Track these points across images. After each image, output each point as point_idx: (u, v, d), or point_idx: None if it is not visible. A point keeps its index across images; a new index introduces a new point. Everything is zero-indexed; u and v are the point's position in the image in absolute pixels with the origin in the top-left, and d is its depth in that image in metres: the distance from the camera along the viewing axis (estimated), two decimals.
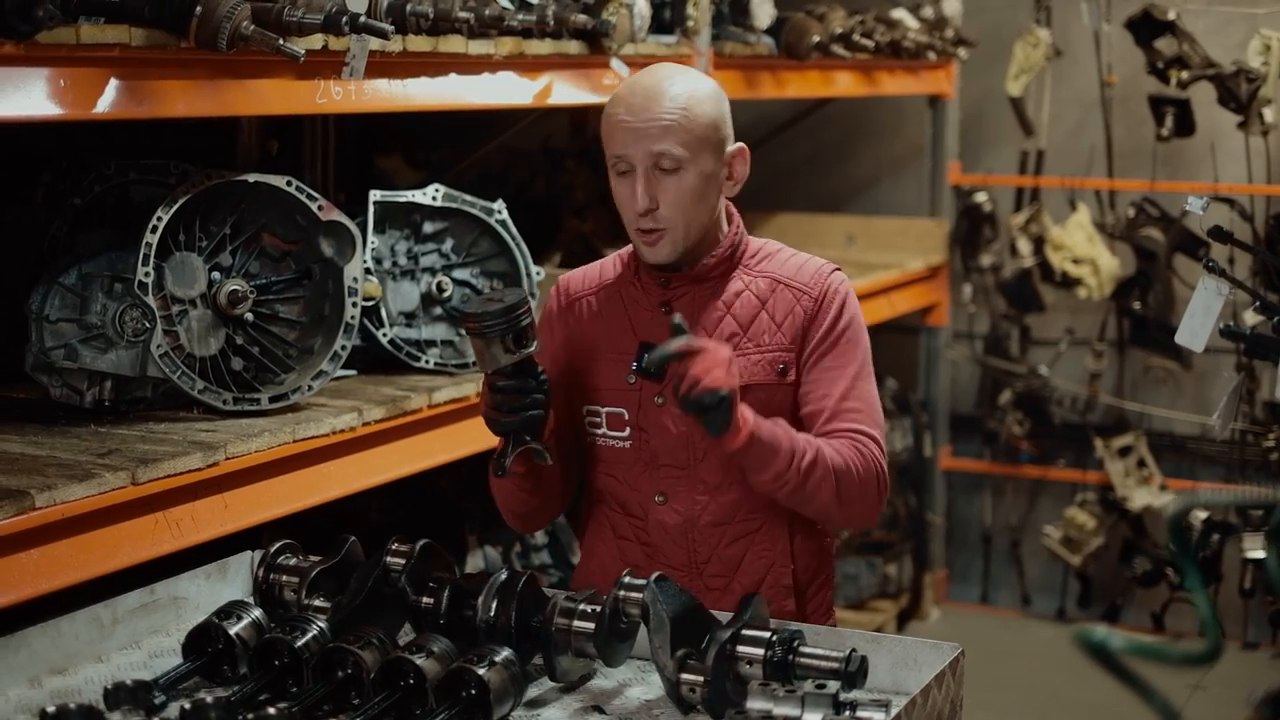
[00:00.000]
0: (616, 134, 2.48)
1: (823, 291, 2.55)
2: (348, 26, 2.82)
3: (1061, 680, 5.22)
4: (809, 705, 2.03)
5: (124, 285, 3.03)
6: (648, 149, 2.45)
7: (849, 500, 2.46)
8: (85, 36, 2.55)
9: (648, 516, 2.58)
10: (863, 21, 5.05)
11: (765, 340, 2.52)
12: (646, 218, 2.47)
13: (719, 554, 2.56)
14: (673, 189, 2.46)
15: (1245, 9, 5.57)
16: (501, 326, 2.34)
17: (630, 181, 2.47)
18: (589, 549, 2.69)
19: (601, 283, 2.64)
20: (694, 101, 2.47)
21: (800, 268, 2.58)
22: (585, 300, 2.64)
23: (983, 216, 5.99)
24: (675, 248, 2.50)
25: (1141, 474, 5.72)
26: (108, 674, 2.31)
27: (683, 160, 2.45)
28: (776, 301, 2.54)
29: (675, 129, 2.45)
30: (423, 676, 2.10)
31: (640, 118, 2.45)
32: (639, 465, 2.56)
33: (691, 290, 2.55)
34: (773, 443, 2.38)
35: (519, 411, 2.40)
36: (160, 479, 2.74)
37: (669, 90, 2.47)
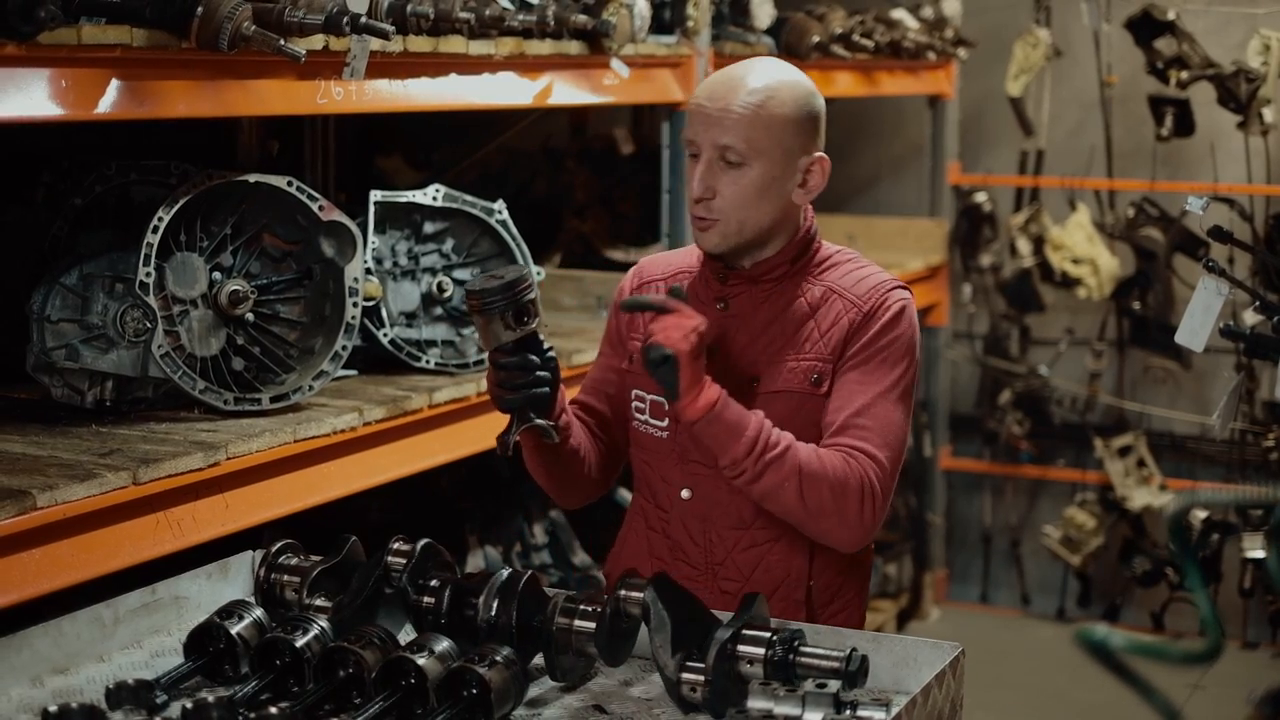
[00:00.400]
0: (692, 118, 2.48)
1: (874, 306, 2.49)
2: (348, 27, 2.82)
3: (1062, 680, 5.23)
4: (810, 704, 2.03)
5: (125, 285, 3.03)
6: (714, 138, 2.44)
7: (820, 511, 2.39)
8: (86, 37, 2.55)
9: (672, 510, 2.58)
10: (862, 22, 5.05)
11: (806, 349, 2.48)
12: (700, 205, 2.46)
13: (734, 558, 2.54)
14: (733, 183, 2.45)
15: (1245, 9, 5.57)
16: (502, 303, 2.33)
17: (695, 166, 2.47)
18: (624, 535, 2.70)
19: (675, 269, 2.64)
20: (773, 100, 2.45)
21: (860, 280, 2.52)
22: (655, 285, 2.63)
23: (982, 216, 6.00)
24: (725, 240, 2.48)
25: (1141, 474, 5.73)
26: (109, 673, 2.31)
27: (747, 156, 2.44)
28: (827, 311, 2.50)
29: (745, 124, 2.43)
30: (424, 676, 2.10)
31: (715, 106, 2.45)
32: (672, 457, 2.56)
33: (747, 289, 2.53)
34: (735, 426, 2.36)
35: (523, 389, 2.39)
36: (161, 479, 2.74)
37: (750, 84, 2.45)
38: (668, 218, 4.34)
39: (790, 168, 2.49)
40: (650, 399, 2.57)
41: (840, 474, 2.39)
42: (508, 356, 2.38)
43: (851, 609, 2.60)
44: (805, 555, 2.53)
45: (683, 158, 4.25)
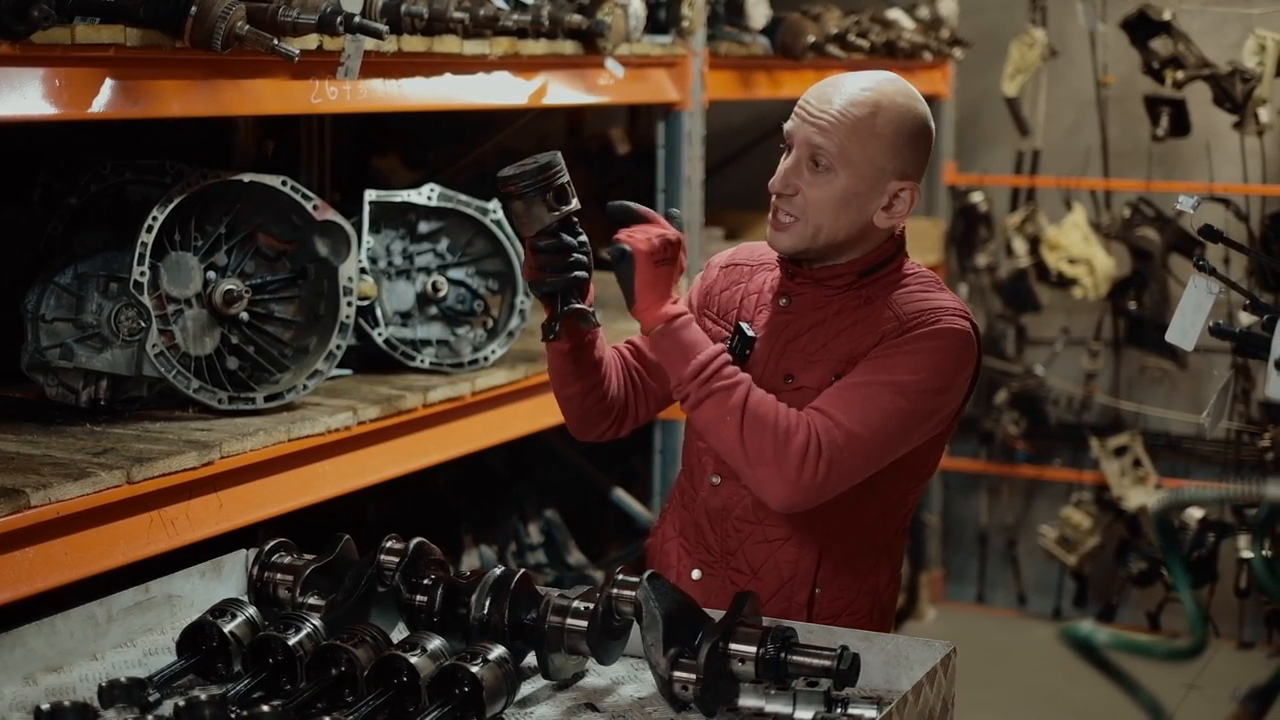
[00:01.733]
0: (795, 112, 2.48)
1: (911, 324, 2.43)
2: (342, 26, 2.82)
3: (1057, 680, 5.23)
4: (801, 703, 2.04)
5: (119, 285, 3.03)
6: (808, 137, 2.44)
7: (760, 457, 2.33)
8: (80, 36, 2.55)
9: (699, 493, 2.59)
10: (858, 22, 5.05)
11: (840, 352, 2.47)
12: (781, 200, 2.46)
13: (744, 550, 2.55)
14: (815, 187, 2.43)
15: (1240, 9, 5.58)
16: (540, 185, 2.34)
17: (784, 160, 2.47)
18: (666, 512, 2.72)
19: (763, 259, 2.64)
20: (877, 116, 2.42)
21: (920, 302, 2.46)
22: (744, 267, 2.65)
23: (978, 216, 6.00)
24: (798, 243, 2.47)
25: (1137, 474, 5.73)
26: (102, 672, 2.31)
27: (834, 163, 2.41)
28: (873, 321, 2.46)
29: (841, 130, 2.41)
30: (416, 674, 2.11)
31: (818, 105, 2.45)
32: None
33: (810, 292, 2.53)
34: (689, 347, 2.38)
35: (564, 271, 2.39)
36: (155, 478, 2.75)
37: (855, 94, 2.43)
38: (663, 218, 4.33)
39: (878, 187, 2.45)
40: None
41: (788, 425, 2.34)
42: (549, 239, 2.38)
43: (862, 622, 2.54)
44: (813, 558, 2.53)
45: (678, 157, 4.28)
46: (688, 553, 2.61)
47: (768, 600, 2.51)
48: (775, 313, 2.55)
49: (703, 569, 2.59)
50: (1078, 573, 5.88)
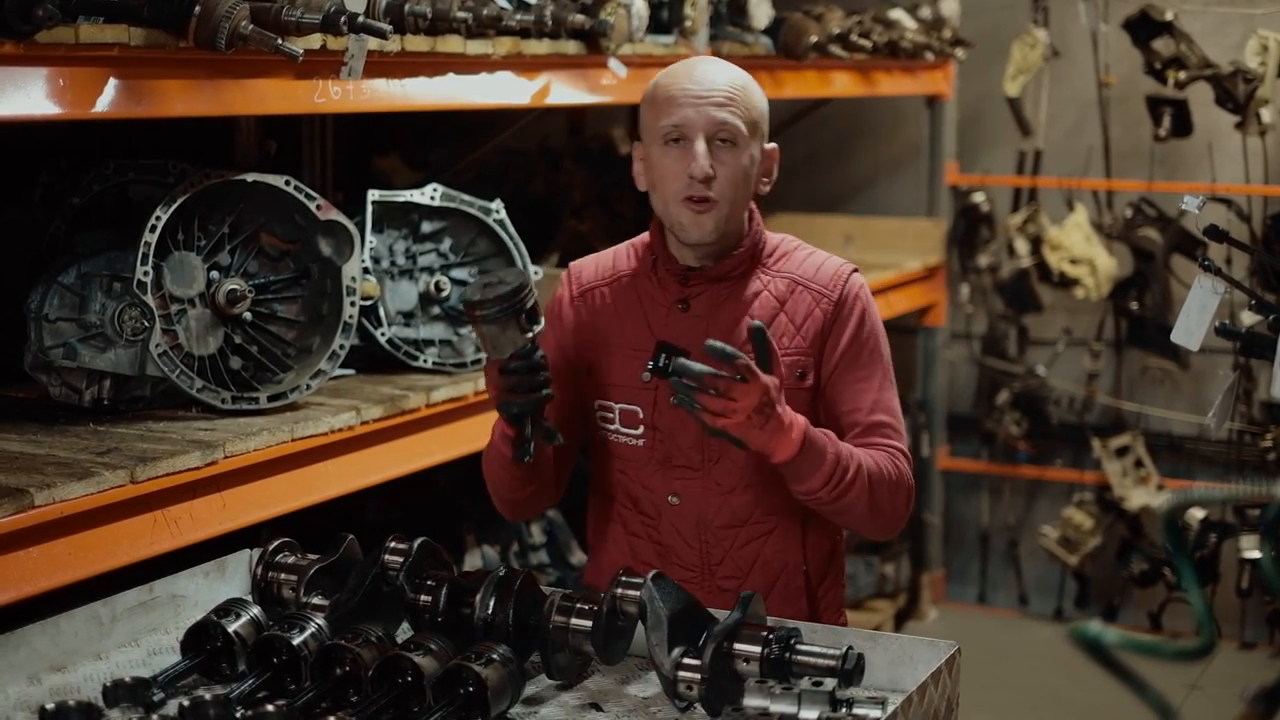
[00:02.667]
0: (675, 102, 2.46)
1: (843, 295, 2.52)
2: (346, 26, 2.82)
3: (1059, 680, 5.23)
4: (806, 702, 2.03)
5: (123, 284, 3.03)
6: (711, 115, 2.44)
7: (880, 512, 2.46)
8: (84, 36, 2.55)
9: (660, 516, 2.57)
10: (860, 22, 5.05)
11: (784, 343, 2.49)
12: (703, 185, 2.44)
13: (731, 556, 2.55)
14: (729, 163, 2.45)
15: (1242, 9, 5.58)
16: (513, 309, 2.32)
17: (684, 150, 2.44)
18: (599, 545, 2.67)
19: (616, 273, 2.61)
20: (750, 84, 2.51)
21: (819, 268, 2.55)
22: (599, 290, 2.61)
23: (980, 217, 6.00)
24: (719, 226, 2.47)
25: (1139, 474, 5.73)
26: (107, 671, 2.31)
27: (739, 136, 2.45)
28: (796, 303, 2.52)
29: (738, 103, 2.46)
30: (420, 674, 2.10)
31: (704, 87, 2.46)
32: (652, 464, 2.55)
33: (710, 289, 2.53)
34: (821, 451, 2.37)
35: (534, 391, 2.39)
36: (159, 478, 2.75)
37: (726, 70, 2.50)
38: None
39: (762, 154, 2.52)
40: (620, 408, 2.55)
41: (894, 476, 2.47)
42: (520, 360, 2.37)
43: (838, 588, 2.66)
44: (798, 542, 2.56)
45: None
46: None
47: (768, 596, 2.52)
48: (679, 319, 2.52)
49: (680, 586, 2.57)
50: (1079, 573, 5.89)
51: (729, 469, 2.51)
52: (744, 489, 2.52)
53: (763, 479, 2.50)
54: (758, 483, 2.51)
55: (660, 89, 2.50)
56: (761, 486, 2.51)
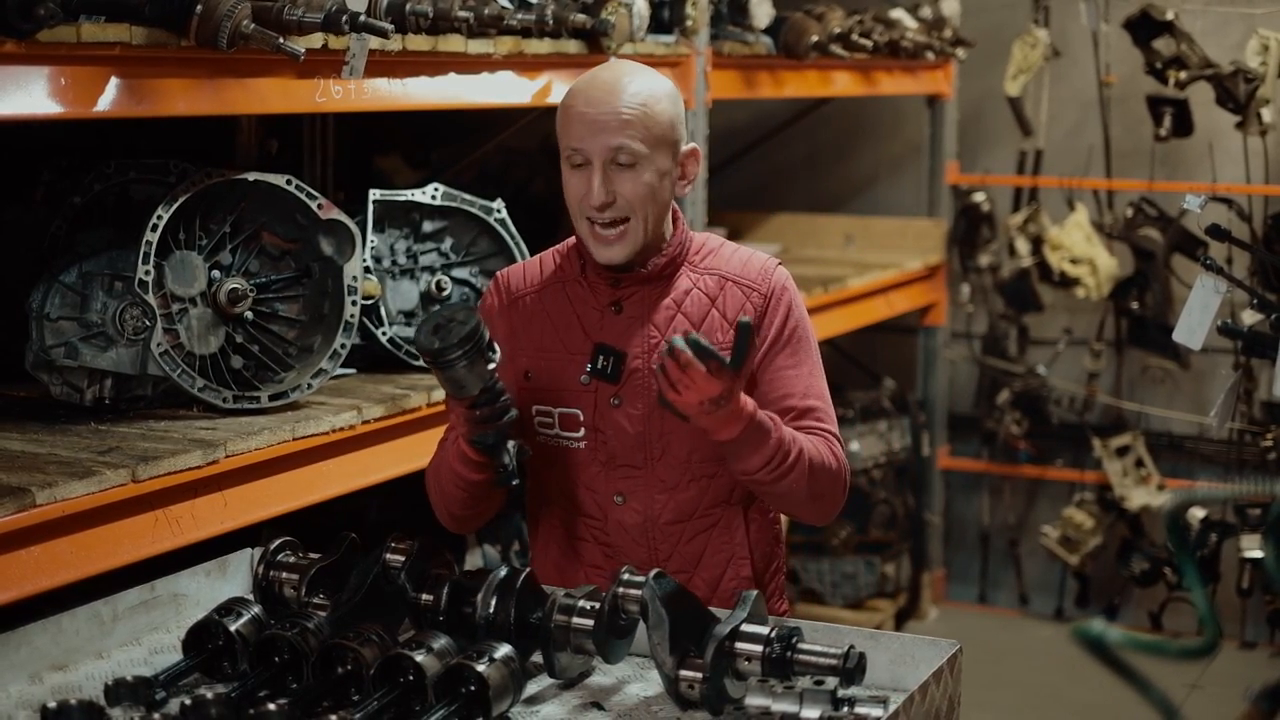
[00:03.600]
0: (573, 126, 2.46)
1: (770, 289, 2.55)
2: (347, 25, 2.82)
3: (1060, 680, 5.23)
4: (807, 701, 2.03)
5: (124, 283, 3.03)
6: (606, 142, 2.44)
7: (819, 496, 2.48)
8: (86, 35, 2.55)
9: (607, 517, 2.58)
10: (861, 21, 5.05)
11: (717, 338, 2.50)
12: (603, 211, 2.45)
13: (679, 550, 2.57)
14: (629, 184, 2.45)
15: (1243, 9, 5.58)
16: (466, 353, 2.30)
17: (585, 174, 2.46)
18: (543, 551, 2.66)
19: (544, 280, 2.61)
20: (653, 99, 2.47)
21: (745, 263, 2.58)
22: (528, 297, 2.61)
23: (981, 216, 6.00)
24: (633, 245, 2.48)
25: (1139, 473, 5.73)
26: (108, 670, 2.32)
27: (640, 156, 2.45)
28: (726, 299, 2.54)
29: (634, 124, 2.44)
30: (422, 673, 2.11)
31: (599, 110, 2.44)
32: (595, 465, 2.56)
33: (641, 290, 2.54)
34: (764, 432, 2.38)
35: (503, 416, 2.40)
36: (160, 477, 2.75)
37: (628, 86, 2.46)
38: None
39: (673, 162, 2.52)
40: (559, 412, 2.56)
41: (832, 464, 2.49)
42: (487, 393, 2.37)
43: (782, 572, 2.69)
44: (742, 531, 2.58)
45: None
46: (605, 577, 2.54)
47: (716, 587, 2.56)
48: (613, 322, 2.53)
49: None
50: (1080, 573, 5.88)
51: (671, 466, 2.53)
52: (688, 484, 2.54)
53: (706, 472, 2.54)
54: (702, 476, 2.54)
55: (564, 106, 2.50)
56: (705, 480, 2.54)
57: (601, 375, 2.43)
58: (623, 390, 2.51)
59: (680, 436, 2.50)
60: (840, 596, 5.76)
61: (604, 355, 2.46)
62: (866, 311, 5.44)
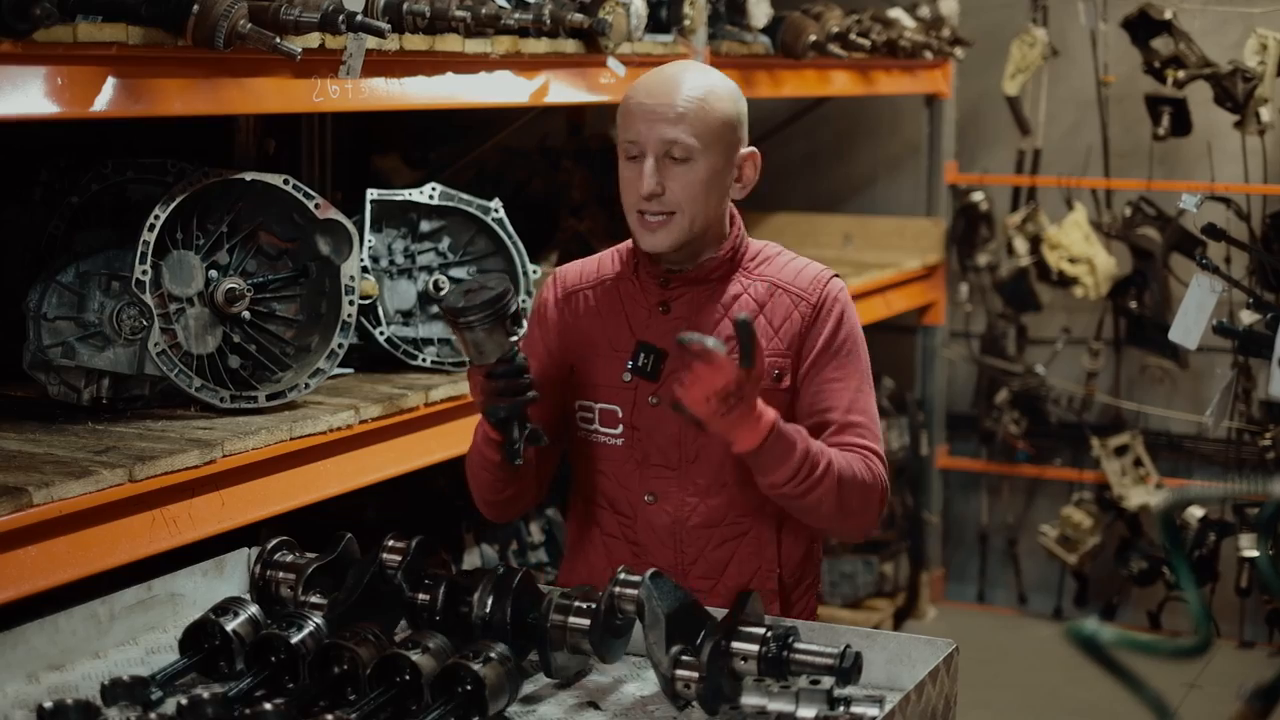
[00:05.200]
0: (632, 117, 2.48)
1: (821, 298, 2.54)
2: (344, 25, 2.82)
3: (1058, 679, 5.23)
4: (803, 701, 2.04)
5: (121, 283, 3.03)
6: (661, 135, 2.45)
7: (850, 512, 2.45)
8: (82, 35, 2.55)
9: (636, 516, 2.58)
10: (859, 21, 5.05)
11: (762, 345, 2.47)
12: (652, 201, 2.46)
13: (706, 556, 2.56)
14: (681, 178, 2.46)
15: (1242, 8, 5.58)
16: (496, 315, 2.32)
17: (639, 166, 2.47)
18: (575, 547, 2.68)
19: (600, 277, 2.64)
20: (712, 95, 2.48)
21: (799, 272, 2.57)
22: (582, 294, 2.64)
23: (979, 216, 6.00)
24: (676, 237, 2.48)
25: (1138, 473, 5.73)
26: (105, 670, 2.32)
27: (694, 150, 2.45)
28: (774, 306, 2.54)
29: (690, 118, 2.45)
30: (418, 672, 2.11)
31: (656, 102, 2.46)
32: (630, 463, 2.56)
33: (690, 291, 2.55)
34: (789, 445, 2.36)
35: (519, 394, 2.39)
36: (157, 476, 2.74)
37: (688, 80, 2.48)
38: None
39: (729, 162, 2.52)
40: (600, 408, 2.57)
41: (866, 478, 2.45)
42: (506, 364, 2.37)
43: (813, 591, 2.68)
44: (774, 545, 2.57)
45: None
46: None
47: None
48: (660, 322, 2.54)
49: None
50: (1078, 572, 5.88)
51: (705, 469, 2.53)
52: (720, 489, 2.53)
53: (739, 480, 2.51)
54: (734, 483, 2.52)
55: (624, 100, 2.52)
56: (737, 488, 2.52)
57: (641, 373, 2.44)
58: (662, 389, 2.50)
59: (717, 442, 2.46)
60: (839, 596, 5.76)
61: (645, 353, 2.46)
62: (865, 311, 5.43)
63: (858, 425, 2.49)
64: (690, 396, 2.27)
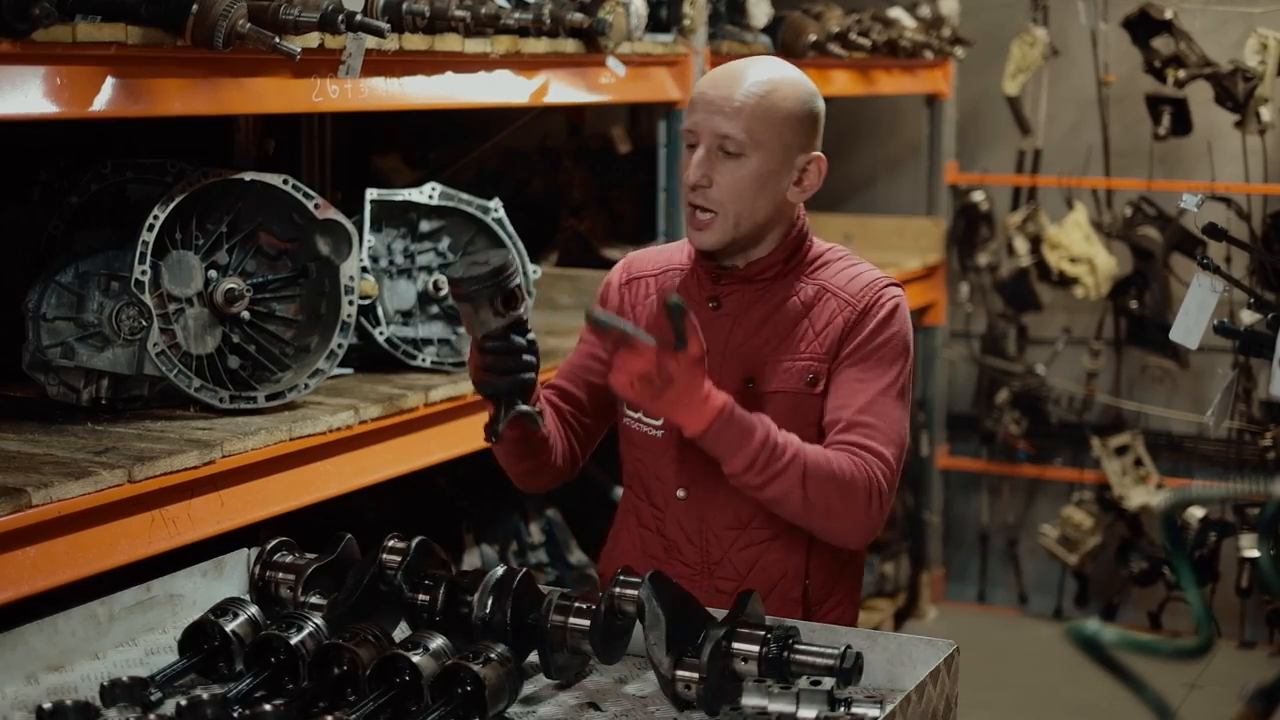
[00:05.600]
0: (694, 105, 2.47)
1: (869, 304, 2.49)
2: (344, 25, 2.82)
3: (1058, 679, 5.23)
4: (804, 702, 2.03)
5: (121, 283, 3.03)
6: (715, 127, 2.44)
7: (828, 512, 2.37)
8: (81, 35, 2.55)
9: (667, 510, 2.56)
10: (859, 20, 5.05)
11: (801, 348, 2.48)
12: (697, 193, 2.45)
13: (730, 557, 2.54)
14: (730, 174, 2.44)
15: (1242, 8, 5.57)
16: (489, 290, 2.30)
17: (692, 155, 2.46)
18: (616, 533, 2.68)
19: (665, 266, 2.63)
20: (776, 93, 2.46)
21: (854, 278, 2.53)
22: (644, 280, 2.63)
23: (980, 216, 6.00)
24: (722, 236, 2.46)
25: (1138, 473, 5.73)
26: (104, 671, 2.31)
27: (745, 147, 2.43)
28: (821, 310, 2.50)
29: (747, 113, 2.43)
30: (418, 673, 2.10)
31: (717, 94, 2.45)
32: (667, 456, 2.54)
33: (741, 289, 2.53)
34: (739, 439, 2.31)
35: (509, 373, 2.36)
36: (156, 477, 2.74)
37: (752, 75, 2.46)
38: (664, 216, 4.33)
39: (787, 164, 2.49)
40: None
41: (847, 475, 2.37)
42: (496, 341, 2.35)
43: (845, 606, 2.62)
44: (802, 554, 2.53)
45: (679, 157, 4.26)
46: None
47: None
48: (709, 318, 2.51)
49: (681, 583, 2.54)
50: (1079, 572, 5.88)
51: None
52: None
53: None
54: None
55: (695, 88, 2.52)
56: None
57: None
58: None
59: None
60: None
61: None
62: None
63: (865, 425, 2.41)
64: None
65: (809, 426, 2.46)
